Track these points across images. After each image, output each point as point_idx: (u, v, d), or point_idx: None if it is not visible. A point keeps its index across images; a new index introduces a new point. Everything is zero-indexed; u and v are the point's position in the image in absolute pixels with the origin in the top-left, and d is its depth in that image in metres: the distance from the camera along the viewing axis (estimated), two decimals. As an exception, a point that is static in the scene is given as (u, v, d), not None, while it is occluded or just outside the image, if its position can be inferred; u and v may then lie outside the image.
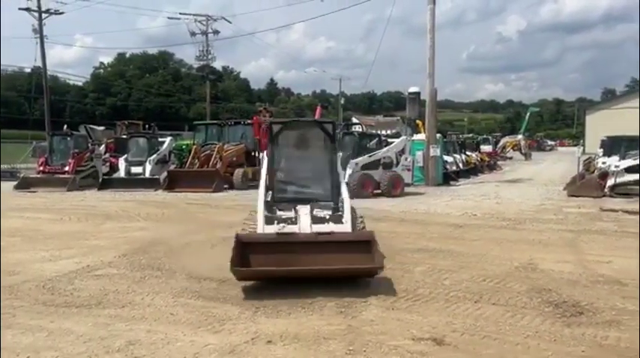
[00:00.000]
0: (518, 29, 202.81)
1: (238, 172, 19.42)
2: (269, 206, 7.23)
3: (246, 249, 6.32)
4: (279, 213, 7.15)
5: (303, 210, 6.90)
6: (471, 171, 27.13)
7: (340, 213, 6.96)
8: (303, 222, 6.67)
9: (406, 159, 18.53)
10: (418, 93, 23.51)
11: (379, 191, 17.25)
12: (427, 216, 12.82)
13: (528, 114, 57.97)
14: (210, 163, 19.76)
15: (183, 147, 24.59)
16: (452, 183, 22.43)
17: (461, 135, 46.88)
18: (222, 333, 4.93)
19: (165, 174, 20.37)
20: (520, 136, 47.46)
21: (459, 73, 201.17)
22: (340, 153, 8.39)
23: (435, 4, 21.29)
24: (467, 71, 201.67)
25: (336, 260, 6.27)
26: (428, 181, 20.99)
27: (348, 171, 16.93)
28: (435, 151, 21.37)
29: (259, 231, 6.73)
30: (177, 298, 6.06)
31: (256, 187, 20.02)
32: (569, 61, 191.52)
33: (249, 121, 21.21)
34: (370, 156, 17.60)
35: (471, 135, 54.92)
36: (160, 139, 23.51)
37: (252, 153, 20.74)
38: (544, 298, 5.91)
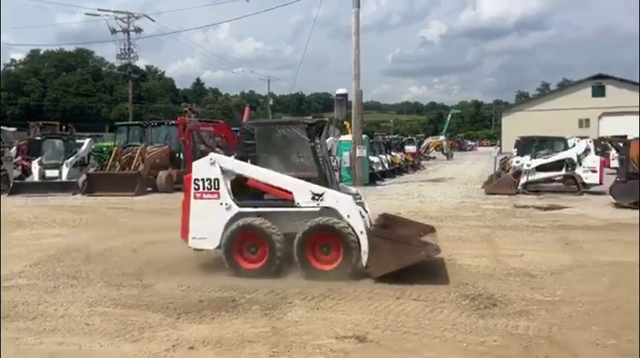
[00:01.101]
0: (440, 34, 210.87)
1: (162, 174, 18.84)
2: None
3: None
4: None
5: None
6: (396, 171, 27.86)
7: None
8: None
9: (333, 159, 18.74)
10: (345, 95, 23.81)
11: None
12: (353, 216, 13.02)
13: (450, 115, 60.43)
14: (133, 166, 19.04)
15: (104, 149, 23.58)
16: (378, 182, 22.95)
17: (387, 136, 48.02)
18: (142, 342, 4.76)
19: (83, 177, 19.39)
20: (442, 137, 49.44)
21: (384, 75, 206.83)
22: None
23: (359, 7, 21.69)
24: (392, 73, 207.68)
25: None
26: (355, 181, 21.33)
27: (276, 172, 16.91)
28: (361, 152, 21.75)
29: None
30: (93, 307, 5.79)
31: (181, 190, 19.54)
32: (486, 65, 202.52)
33: (173, 122, 20.67)
34: (298, 157, 17.62)
35: (396, 136, 56.43)
36: (78, 141, 22.35)
37: (178, 155, 20.21)
38: (461, 292, 6.16)
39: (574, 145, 18.72)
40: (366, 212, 7.34)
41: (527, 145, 20.50)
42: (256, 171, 7.12)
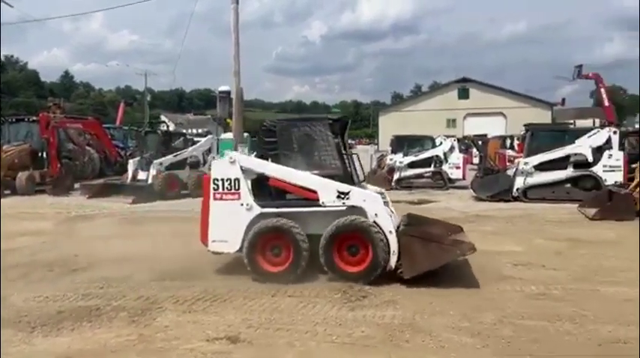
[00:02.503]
0: (321, 34, 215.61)
1: (22, 175, 17.17)
2: None
3: None
4: None
5: None
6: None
7: None
8: None
9: (213, 158, 18.39)
10: (228, 92, 23.40)
11: (187, 191, 16.84)
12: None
13: (331, 115, 61.50)
14: (-14, 166, 17.13)
15: (-50, 148, 20.89)
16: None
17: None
18: (-13, 362, 4.30)
19: None
20: (324, 135, 50.40)
21: (268, 73, 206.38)
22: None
23: (238, 4, 21.42)
24: (276, 72, 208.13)
25: None
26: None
27: (152, 171, 16.26)
28: (243, 150, 21.57)
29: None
30: None
31: (44, 192, 17.97)
32: (365, 66, 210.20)
33: (34, 118, 18.94)
34: (175, 156, 17.09)
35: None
36: None
37: (40, 154, 18.54)
38: (334, 286, 6.29)
39: (441, 144, 20.17)
40: (392, 212, 7.06)
41: (400, 143, 21.71)
42: (278, 170, 6.79)
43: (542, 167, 14.70)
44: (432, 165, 18.82)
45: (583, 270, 7.20)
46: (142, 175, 16.55)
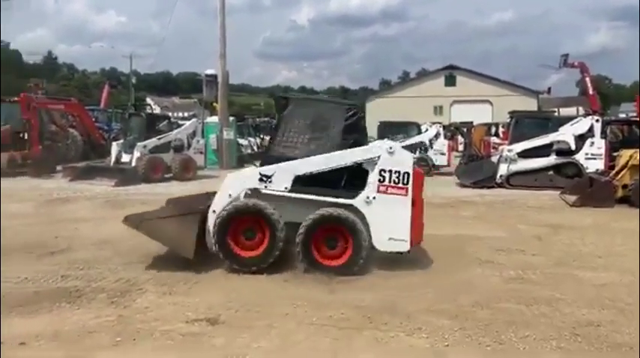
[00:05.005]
0: (309, 18, 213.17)
1: (3, 157, 16.93)
2: None
3: None
4: None
5: None
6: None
7: None
8: None
9: (198, 141, 18.29)
10: (215, 76, 23.22)
11: (170, 174, 16.76)
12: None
13: (318, 100, 61.26)
14: (-35, 148, 16.85)
15: None
16: (246, 165, 22.83)
17: (257, 119, 47.79)
18: (-38, 342, 4.25)
19: None
20: (311, 121, 50.21)
21: (256, 58, 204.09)
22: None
23: (224, -14, 21.21)
24: (264, 56, 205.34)
25: None
26: (222, 164, 21.04)
27: (136, 154, 16.12)
28: (228, 134, 21.49)
29: None
30: None
31: (25, 174, 17.68)
32: (353, 52, 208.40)
33: (15, 99, 18.62)
34: (160, 139, 16.93)
35: (267, 119, 56.60)
36: None
37: (21, 135, 18.26)
38: (315, 269, 6.31)
39: (427, 130, 20.23)
40: None
41: (387, 130, 21.71)
42: None
43: (525, 154, 14.84)
44: (417, 152, 18.86)
45: (561, 255, 7.31)
46: (125, 158, 16.40)
